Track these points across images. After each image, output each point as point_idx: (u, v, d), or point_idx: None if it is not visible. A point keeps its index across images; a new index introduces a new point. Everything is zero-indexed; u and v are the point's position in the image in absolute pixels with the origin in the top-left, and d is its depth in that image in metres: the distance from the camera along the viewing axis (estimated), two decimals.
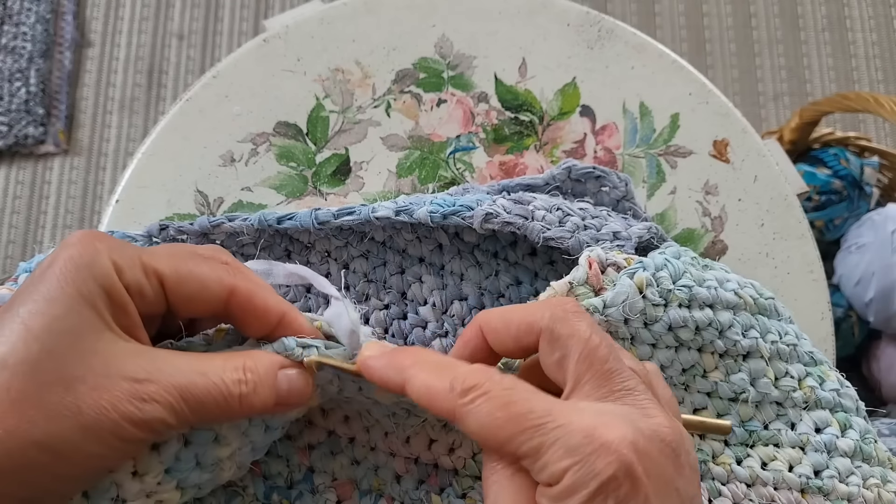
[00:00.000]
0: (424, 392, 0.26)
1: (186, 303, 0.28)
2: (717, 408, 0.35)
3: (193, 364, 0.27)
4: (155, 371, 0.25)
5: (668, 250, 0.35)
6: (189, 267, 0.28)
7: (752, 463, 0.34)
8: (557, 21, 0.53)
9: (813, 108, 0.73)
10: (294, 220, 0.37)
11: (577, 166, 0.40)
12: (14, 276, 0.38)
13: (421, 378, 0.27)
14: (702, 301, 0.34)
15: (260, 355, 0.28)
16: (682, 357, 0.34)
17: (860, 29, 1.14)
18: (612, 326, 0.33)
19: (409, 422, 0.31)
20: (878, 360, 0.79)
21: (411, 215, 0.36)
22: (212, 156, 0.50)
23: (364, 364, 0.29)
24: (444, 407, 0.26)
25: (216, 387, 0.26)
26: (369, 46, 0.52)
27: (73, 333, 0.25)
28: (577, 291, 0.33)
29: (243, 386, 0.27)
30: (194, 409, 0.26)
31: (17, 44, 1.08)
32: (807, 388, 0.35)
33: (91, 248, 0.26)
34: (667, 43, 1.10)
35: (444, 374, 0.26)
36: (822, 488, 0.34)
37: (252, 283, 0.29)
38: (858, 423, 0.36)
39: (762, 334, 0.35)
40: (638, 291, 0.33)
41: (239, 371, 0.27)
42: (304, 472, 0.34)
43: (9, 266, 1.03)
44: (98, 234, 0.27)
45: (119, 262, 0.26)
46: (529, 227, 0.36)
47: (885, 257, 0.73)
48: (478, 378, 0.26)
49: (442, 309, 0.39)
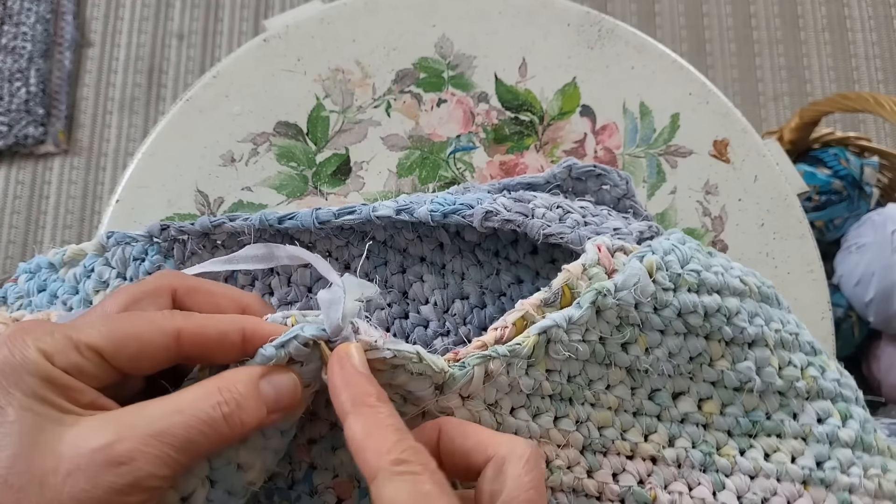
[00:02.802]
0: (361, 436, 0.26)
1: (134, 365, 0.27)
2: (722, 397, 0.35)
3: (165, 406, 0.26)
4: (125, 429, 0.25)
5: (673, 236, 0.35)
6: (125, 328, 0.27)
7: (755, 454, 0.34)
8: (557, 21, 0.53)
9: (813, 108, 0.73)
10: (295, 219, 0.37)
11: (578, 165, 0.40)
12: (14, 276, 0.38)
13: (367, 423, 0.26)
14: (710, 286, 0.34)
15: (233, 373, 0.27)
16: (691, 344, 0.34)
17: (860, 29, 1.14)
18: (623, 311, 0.33)
19: (405, 409, 0.31)
20: (878, 360, 0.79)
21: (412, 214, 0.36)
22: (212, 156, 0.50)
23: (335, 358, 0.28)
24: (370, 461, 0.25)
25: (196, 418, 0.25)
26: (369, 46, 0.52)
27: (32, 432, 0.24)
28: (591, 273, 0.33)
29: (224, 407, 0.26)
30: (183, 450, 0.25)
31: (17, 44, 1.08)
32: (809, 377, 0.35)
33: (18, 344, 0.25)
34: (667, 43, 1.10)
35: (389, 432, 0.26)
36: (824, 480, 0.34)
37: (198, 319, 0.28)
38: (858, 412, 0.36)
39: (766, 322, 0.35)
40: (648, 274, 0.33)
41: (214, 394, 0.26)
42: (305, 470, 0.34)
43: (9, 266, 1.03)
44: (24, 326, 0.26)
45: (48, 350, 0.25)
46: (529, 224, 0.36)
47: (885, 257, 0.73)
48: (420, 458, 0.25)
49: (443, 308, 0.39)
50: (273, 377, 0.28)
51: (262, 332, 0.29)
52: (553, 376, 0.33)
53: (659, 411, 0.35)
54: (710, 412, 0.35)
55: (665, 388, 0.35)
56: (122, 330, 0.27)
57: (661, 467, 0.34)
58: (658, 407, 0.35)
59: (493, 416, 0.32)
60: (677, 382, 0.35)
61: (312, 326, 0.28)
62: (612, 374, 0.34)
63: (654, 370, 0.34)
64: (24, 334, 0.26)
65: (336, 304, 0.28)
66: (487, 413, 0.31)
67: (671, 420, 0.35)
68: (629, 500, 0.33)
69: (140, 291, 0.30)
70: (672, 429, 0.34)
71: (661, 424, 0.34)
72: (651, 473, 0.34)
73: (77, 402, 0.26)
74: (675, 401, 0.35)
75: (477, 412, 0.31)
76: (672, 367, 0.34)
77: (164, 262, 0.38)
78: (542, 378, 0.33)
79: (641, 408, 0.34)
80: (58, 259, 0.38)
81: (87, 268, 0.38)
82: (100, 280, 0.38)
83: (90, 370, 0.26)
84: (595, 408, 0.34)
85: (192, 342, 0.28)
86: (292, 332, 0.28)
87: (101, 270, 0.38)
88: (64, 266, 0.38)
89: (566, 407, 0.33)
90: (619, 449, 0.34)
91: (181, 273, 0.32)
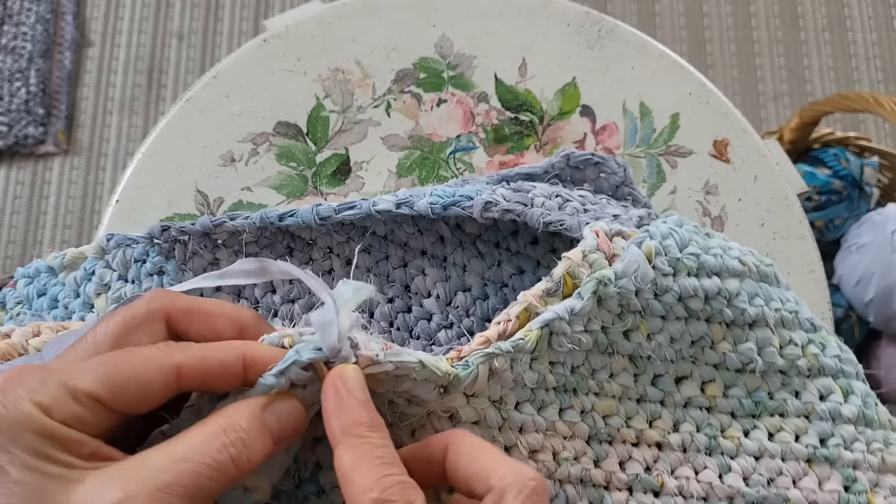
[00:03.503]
0: (348, 469, 0.25)
1: (134, 408, 0.26)
2: (725, 379, 0.35)
3: (170, 454, 0.25)
4: (131, 485, 0.24)
5: (670, 219, 0.35)
6: (122, 370, 0.26)
7: (760, 435, 0.34)
8: (557, 21, 0.53)
9: (813, 108, 0.73)
10: (296, 216, 0.37)
11: (576, 153, 0.41)
12: (13, 280, 0.38)
13: (355, 454, 0.26)
14: (709, 269, 0.34)
15: (236, 409, 0.27)
16: (692, 329, 0.34)
17: (860, 29, 1.14)
18: (624, 299, 0.33)
19: (410, 411, 0.31)
20: (878, 360, 0.79)
21: (412, 207, 0.36)
22: (212, 156, 0.50)
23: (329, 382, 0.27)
24: (354, 497, 0.25)
25: (203, 465, 0.25)
26: (369, 46, 0.52)
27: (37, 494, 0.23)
28: (591, 259, 0.32)
29: (230, 449, 0.25)
30: (192, 498, 0.24)
31: (17, 44, 1.08)
32: (810, 355, 0.35)
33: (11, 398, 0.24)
34: (667, 43, 1.09)
35: (375, 465, 0.26)
36: (828, 457, 0.34)
37: (197, 351, 0.27)
38: (859, 387, 0.36)
39: (766, 302, 0.35)
40: (647, 261, 0.33)
41: (220, 436, 0.25)
42: (312, 470, 0.34)
43: (9, 266, 1.03)
44: (14, 376, 0.25)
45: (44, 402, 0.24)
46: (529, 213, 0.36)
47: (885, 257, 0.73)
48: (405, 495, 0.25)
49: (446, 301, 0.40)
50: (276, 406, 0.27)
51: (263, 358, 0.28)
52: (556, 368, 0.33)
53: (662, 397, 0.35)
54: (713, 395, 0.35)
55: (668, 374, 0.35)
56: (120, 372, 0.26)
57: (667, 453, 0.34)
58: (661, 392, 0.35)
59: (497, 412, 0.31)
60: (680, 367, 0.35)
61: (309, 348, 0.27)
62: (615, 362, 0.34)
63: (657, 356, 0.34)
64: (16, 385, 0.24)
65: (330, 326, 0.27)
66: (492, 410, 0.31)
67: (675, 405, 0.35)
68: (637, 488, 0.33)
69: (132, 318, 0.28)
70: (676, 413, 0.35)
71: (665, 410, 0.35)
72: (657, 460, 0.34)
73: (79, 455, 0.24)
74: (678, 385, 0.35)
75: (482, 409, 0.31)
76: (674, 352, 0.34)
77: (166, 262, 0.38)
78: (546, 371, 0.32)
79: (645, 394, 0.34)
80: (57, 263, 0.38)
81: (87, 271, 0.38)
82: (101, 283, 0.38)
83: (89, 419, 0.25)
84: (599, 397, 0.34)
85: (192, 377, 0.27)
86: (290, 358, 0.27)
87: (102, 273, 0.38)
88: (64, 270, 0.38)
89: (570, 398, 0.33)
90: (624, 437, 0.34)
91: (174, 293, 0.31)
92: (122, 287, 0.38)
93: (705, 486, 0.34)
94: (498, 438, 0.32)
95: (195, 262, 0.39)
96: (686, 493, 0.33)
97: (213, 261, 0.39)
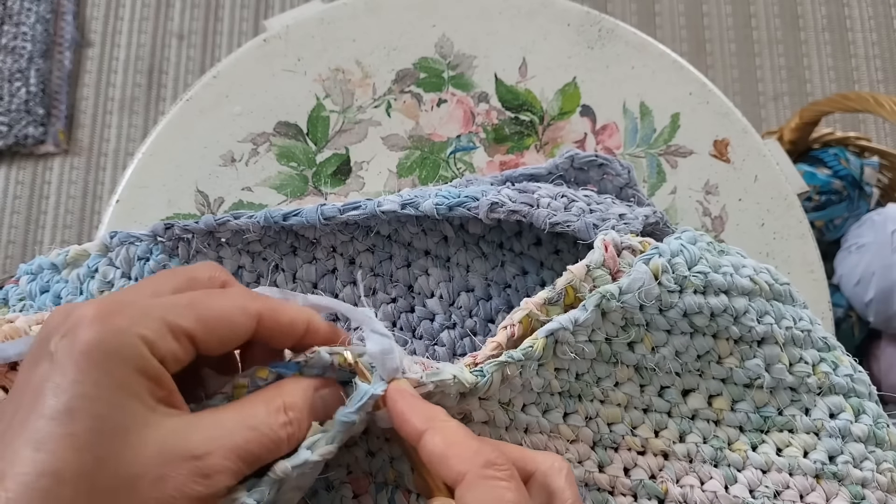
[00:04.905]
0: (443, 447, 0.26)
1: (218, 347, 0.26)
2: (732, 394, 0.35)
3: (240, 420, 0.25)
4: (209, 441, 0.24)
5: (685, 235, 0.35)
6: (212, 310, 0.26)
7: (767, 449, 0.35)
8: (557, 21, 0.53)
9: (813, 108, 0.73)
10: (300, 216, 0.37)
11: (580, 154, 0.41)
12: (15, 277, 0.38)
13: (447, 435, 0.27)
14: (717, 287, 0.34)
15: (294, 388, 0.27)
16: (698, 343, 0.34)
17: (860, 29, 1.14)
18: (628, 313, 0.33)
19: None
20: (878, 360, 0.79)
21: (417, 208, 0.36)
22: (212, 156, 0.50)
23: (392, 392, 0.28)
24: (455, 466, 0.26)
25: (267, 437, 0.25)
26: (369, 46, 0.52)
27: (121, 432, 0.23)
28: (595, 274, 0.33)
29: (289, 427, 0.26)
30: (251, 465, 0.25)
31: (17, 44, 1.08)
32: (821, 373, 0.35)
33: (113, 329, 0.23)
34: (667, 43, 1.09)
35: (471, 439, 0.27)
36: (836, 474, 0.34)
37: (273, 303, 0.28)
38: (871, 407, 0.36)
39: (777, 320, 0.35)
40: (654, 278, 0.33)
41: (282, 414, 0.26)
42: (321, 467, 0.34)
43: (9, 266, 1.03)
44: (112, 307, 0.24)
45: (149, 337, 0.24)
46: (535, 214, 0.36)
47: (885, 257, 0.73)
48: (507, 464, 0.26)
49: (449, 301, 0.40)
50: (325, 392, 0.28)
51: (322, 328, 0.29)
52: (561, 374, 0.33)
53: (669, 408, 0.35)
54: (720, 408, 0.35)
55: (674, 386, 0.35)
56: (211, 310, 0.26)
57: (673, 462, 0.34)
58: (668, 403, 0.35)
59: (505, 413, 0.32)
60: (686, 379, 0.35)
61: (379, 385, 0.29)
62: (620, 371, 0.34)
63: (661, 368, 0.34)
64: (117, 317, 0.24)
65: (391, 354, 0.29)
66: (501, 411, 0.32)
67: (681, 416, 0.35)
68: (641, 493, 0.33)
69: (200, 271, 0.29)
70: (682, 424, 0.35)
71: (671, 420, 0.35)
72: (662, 468, 0.34)
73: (159, 398, 0.24)
74: (685, 397, 0.35)
75: (492, 411, 0.32)
76: (679, 365, 0.34)
77: (169, 260, 0.38)
78: (552, 377, 0.33)
79: (651, 404, 0.35)
80: (60, 260, 0.38)
81: (90, 268, 0.38)
82: (104, 280, 0.38)
83: (183, 359, 0.25)
84: (604, 404, 0.34)
85: (268, 327, 0.27)
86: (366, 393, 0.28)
87: (106, 270, 0.38)
88: (67, 267, 0.38)
89: (575, 403, 0.34)
90: (629, 444, 0.34)
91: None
92: (125, 285, 0.38)
93: (710, 495, 0.34)
94: (505, 437, 0.33)
95: (198, 261, 0.39)
96: (690, 501, 0.33)
97: (216, 259, 0.39)
